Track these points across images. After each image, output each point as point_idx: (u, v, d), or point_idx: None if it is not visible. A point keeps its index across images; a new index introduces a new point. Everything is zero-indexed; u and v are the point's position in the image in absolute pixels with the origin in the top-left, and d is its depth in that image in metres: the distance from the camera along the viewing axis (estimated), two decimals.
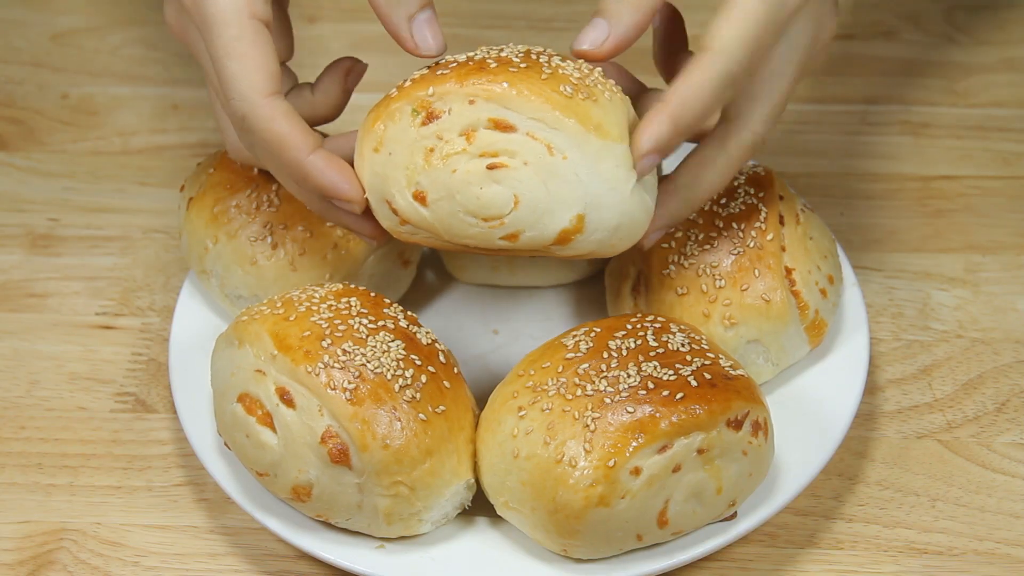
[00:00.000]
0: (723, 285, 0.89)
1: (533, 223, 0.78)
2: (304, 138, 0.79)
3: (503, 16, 1.29)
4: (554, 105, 0.77)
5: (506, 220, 0.78)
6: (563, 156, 0.77)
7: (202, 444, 0.87)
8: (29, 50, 1.27)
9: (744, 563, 0.87)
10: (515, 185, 0.78)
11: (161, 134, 1.19)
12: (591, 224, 0.78)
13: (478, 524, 0.85)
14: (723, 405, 0.79)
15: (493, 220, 0.78)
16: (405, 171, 0.79)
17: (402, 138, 0.79)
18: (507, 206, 0.78)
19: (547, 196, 0.78)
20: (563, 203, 0.78)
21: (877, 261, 1.06)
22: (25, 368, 1.00)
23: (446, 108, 0.78)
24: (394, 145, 0.79)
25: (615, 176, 0.78)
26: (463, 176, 0.78)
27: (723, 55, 0.79)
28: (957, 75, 1.23)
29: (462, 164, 0.78)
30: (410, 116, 0.79)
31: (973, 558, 0.87)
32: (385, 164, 0.80)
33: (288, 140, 0.79)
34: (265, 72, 0.79)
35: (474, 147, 0.78)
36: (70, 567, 0.88)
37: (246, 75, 0.78)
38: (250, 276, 0.93)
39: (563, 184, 0.78)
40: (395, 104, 0.80)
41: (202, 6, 0.79)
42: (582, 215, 0.78)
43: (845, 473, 0.92)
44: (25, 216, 1.11)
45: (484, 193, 0.78)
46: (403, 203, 0.80)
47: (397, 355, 0.82)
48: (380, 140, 0.80)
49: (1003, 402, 0.96)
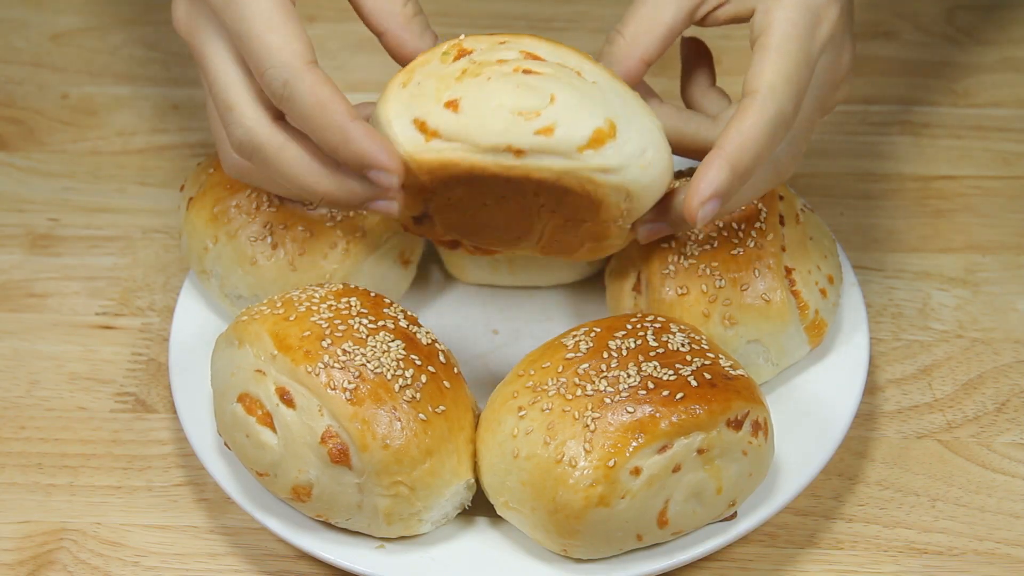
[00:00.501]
0: (723, 285, 0.89)
1: (568, 118, 0.78)
2: (347, 104, 0.79)
3: (503, 16, 1.29)
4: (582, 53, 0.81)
5: (542, 113, 0.78)
6: (593, 82, 0.80)
7: (202, 444, 0.87)
8: (29, 50, 1.27)
9: (744, 563, 0.87)
10: (549, 86, 0.79)
11: (161, 134, 1.19)
12: (623, 133, 0.79)
13: (478, 524, 0.85)
14: (723, 405, 0.79)
15: (529, 112, 0.78)
16: (436, 92, 0.79)
17: (433, 72, 0.80)
18: (544, 102, 0.78)
19: (580, 97, 0.79)
20: (597, 105, 0.79)
21: (877, 261, 1.06)
22: (25, 368, 1.00)
23: (478, 46, 0.80)
24: (424, 76, 0.80)
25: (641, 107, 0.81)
26: (498, 80, 0.79)
27: (773, 97, 0.80)
28: (957, 75, 1.23)
29: (497, 70, 0.79)
30: (440, 57, 0.80)
31: (973, 558, 0.87)
32: (413, 94, 0.80)
33: (332, 103, 0.78)
34: (304, 41, 0.79)
35: (508, 65, 0.79)
36: (70, 567, 0.88)
37: (287, 43, 0.78)
38: (250, 276, 0.93)
39: (595, 95, 0.79)
40: (424, 56, 0.81)
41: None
42: (614, 122, 0.79)
43: (845, 473, 0.92)
44: (25, 216, 1.11)
45: (521, 90, 0.78)
46: (433, 114, 0.78)
47: (397, 355, 0.82)
48: (410, 74, 0.80)
49: (1003, 402, 0.96)
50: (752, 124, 0.80)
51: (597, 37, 1.25)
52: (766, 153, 0.81)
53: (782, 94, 0.80)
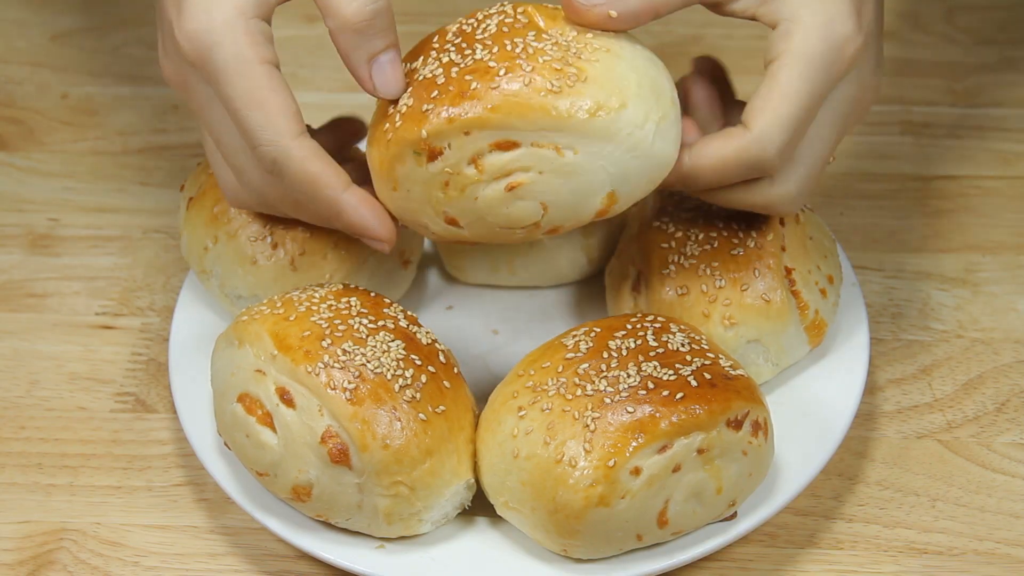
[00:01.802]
0: (723, 285, 0.89)
1: (568, 217, 0.81)
2: (337, 176, 0.81)
3: None
4: (546, 109, 0.76)
5: (541, 223, 0.80)
6: (574, 151, 0.78)
7: (202, 444, 0.87)
8: (29, 50, 1.27)
9: (744, 563, 0.87)
10: (538, 196, 0.79)
11: (161, 134, 1.19)
12: (623, 193, 0.80)
13: (478, 524, 0.85)
14: (723, 405, 0.79)
15: (529, 227, 0.80)
16: (430, 204, 0.80)
17: (414, 176, 0.80)
18: (537, 214, 0.80)
19: (572, 194, 0.79)
20: (590, 191, 0.79)
21: (877, 261, 1.06)
22: (25, 368, 1.00)
23: (445, 144, 0.78)
24: (409, 184, 0.81)
25: (631, 142, 0.78)
26: (486, 202, 0.79)
27: (759, 143, 0.80)
28: (957, 75, 1.23)
29: (481, 191, 0.79)
30: (413, 157, 0.79)
31: (973, 558, 0.87)
32: (407, 200, 0.81)
33: (322, 179, 0.80)
34: (288, 114, 0.79)
35: (486, 174, 0.78)
36: (70, 567, 0.88)
37: (271, 121, 0.79)
38: (250, 276, 0.93)
39: (584, 177, 0.78)
40: (394, 148, 0.80)
41: (209, 61, 0.79)
42: (612, 192, 0.79)
43: (845, 473, 0.92)
44: (25, 216, 1.11)
45: (512, 211, 0.79)
46: (438, 228, 0.82)
47: (397, 355, 0.82)
48: (395, 182, 0.81)
49: (1003, 402, 0.96)
50: (725, 155, 0.81)
51: None
52: (722, 183, 0.82)
53: (771, 142, 0.80)
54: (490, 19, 0.82)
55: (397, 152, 0.80)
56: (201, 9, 0.78)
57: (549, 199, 0.79)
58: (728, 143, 0.81)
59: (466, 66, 0.79)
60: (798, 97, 0.80)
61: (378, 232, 0.82)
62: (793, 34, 0.80)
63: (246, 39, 0.78)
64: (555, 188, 0.79)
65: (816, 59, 0.80)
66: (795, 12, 0.80)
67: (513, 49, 0.79)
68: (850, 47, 0.81)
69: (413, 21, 1.23)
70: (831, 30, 0.80)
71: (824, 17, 0.80)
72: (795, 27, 0.80)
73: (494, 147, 0.78)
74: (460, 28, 0.82)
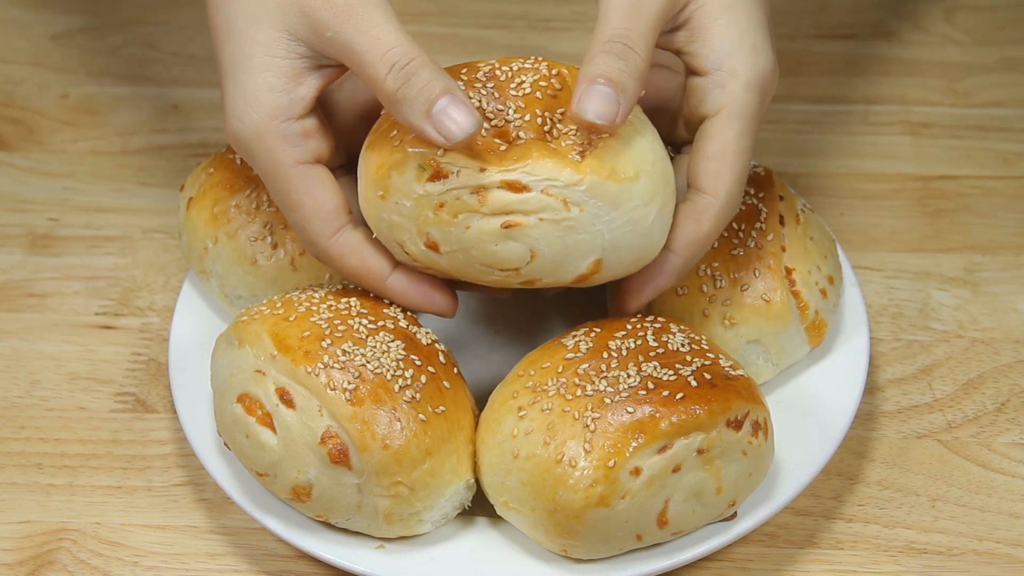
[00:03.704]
0: (723, 285, 0.89)
1: (550, 272, 0.80)
2: (378, 266, 0.83)
3: (503, 16, 1.29)
4: (565, 164, 0.77)
5: (523, 271, 0.79)
6: (580, 209, 0.77)
7: (202, 444, 0.87)
8: (29, 50, 1.27)
9: (744, 563, 0.87)
10: (531, 242, 0.78)
11: (161, 134, 1.19)
12: (609, 264, 0.80)
13: (478, 524, 0.85)
14: (723, 405, 0.79)
15: (509, 271, 0.79)
16: (415, 221, 0.79)
17: (409, 190, 0.79)
18: (523, 260, 0.79)
19: (564, 248, 0.78)
20: (580, 253, 0.79)
21: (877, 261, 1.06)
22: (25, 368, 1.00)
23: (456, 169, 0.77)
24: (400, 195, 0.79)
25: (633, 216, 0.78)
26: (477, 234, 0.78)
27: (731, 204, 0.82)
28: (957, 75, 1.23)
29: (475, 222, 0.78)
30: (416, 170, 0.78)
31: (973, 558, 0.87)
32: (392, 211, 0.80)
33: (363, 273, 0.83)
34: (323, 216, 0.81)
35: (487, 207, 0.77)
36: (70, 567, 0.88)
37: (307, 224, 0.82)
38: (250, 276, 0.93)
39: (580, 235, 0.78)
40: (398, 155, 0.79)
41: (249, 156, 0.82)
42: (599, 259, 0.79)
43: (845, 473, 0.92)
44: (25, 216, 1.11)
45: (500, 250, 0.78)
46: (415, 249, 0.80)
47: (397, 355, 0.82)
48: (386, 189, 0.80)
49: (1003, 402, 0.96)
50: (709, 231, 0.82)
51: None
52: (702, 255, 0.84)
53: (737, 196, 0.82)
54: (525, 74, 0.82)
55: (400, 160, 0.79)
56: (238, 114, 0.80)
57: (540, 248, 0.78)
58: (704, 221, 0.81)
59: (494, 127, 0.79)
60: (747, 152, 0.82)
61: (434, 308, 0.85)
62: (729, 87, 0.81)
63: (278, 144, 0.80)
64: (550, 239, 0.78)
65: (754, 109, 0.82)
66: (725, 62, 0.81)
67: (543, 125, 0.79)
68: (775, 80, 0.84)
69: (413, 21, 1.23)
70: (761, 74, 0.82)
71: (759, 69, 0.82)
72: (729, 79, 0.81)
73: (504, 185, 0.77)
74: (493, 71, 0.82)
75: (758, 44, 0.82)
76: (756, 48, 0.82)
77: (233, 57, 0.80)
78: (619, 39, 0.78)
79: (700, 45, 0.82)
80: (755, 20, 0.83)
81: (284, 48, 0.80)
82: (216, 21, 0.82)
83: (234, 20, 0.80)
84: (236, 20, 0.80)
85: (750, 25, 0.82)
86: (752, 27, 0.82)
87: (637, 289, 0.84)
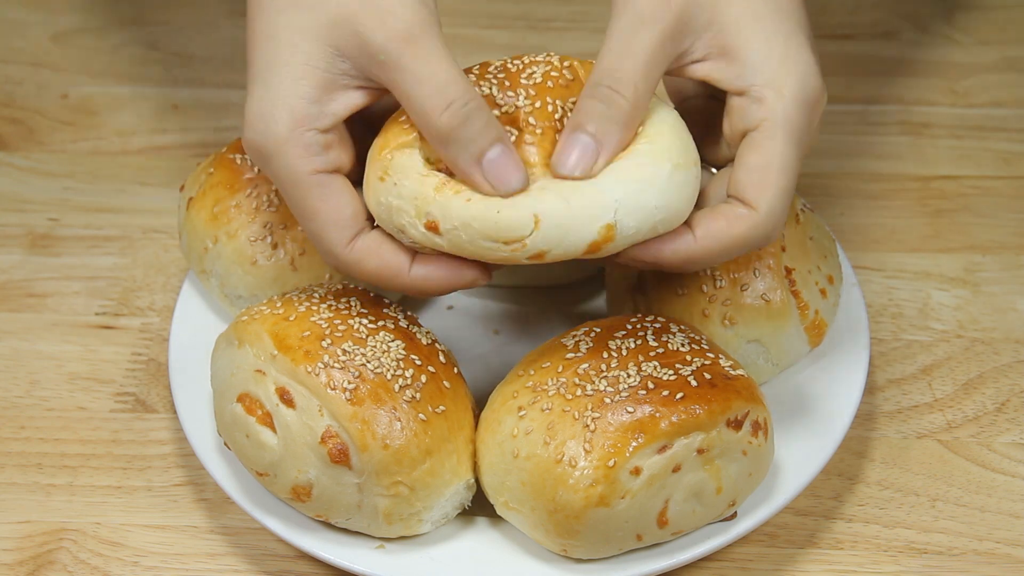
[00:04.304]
0: (723, 285, 0.89)
1: (559, 241, 0.75)
2: (397, 264, 0.80)
3: (503, 16, 1.29)
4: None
5: (527, 242, 0.75)
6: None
7: (202, 444, 0.87)
8: (29, 50, 1.27)
9: (744, 563, 0.87)
10: (534, 204, 0.75)
11: (161, 134, 1.19)
12: (623, 229, 0.76)
13: (478, 524, 0.85)
14: (723, 405, 0.79)
15: (515, 243, 0.75)
16: (414, 201, 0.77)
17: (409, 169, 0.78)
18: (528, 227, 0.75)
19: (570, 212, 0.75)
20: (590, 215, 0.75)
21: (877, 261, 1.06)
22: (25, 368, 1.00)
23: None
24: (400, 176, 0.78)
25: (645, 174, 0.76)
26: (480, 205, 0.75)
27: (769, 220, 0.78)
28: (957, 75, 1.23)
29: (477, 195, 0.76)
30: (421, 155, 0.78)
31: (973, 558, 0.87)
32: (391, 193, 0.78)
33: (383, 274, 0.80)
34: (339, 224, 0.80)
35: None
36: (70, 567, 0.88)
37: (323, 233, 0.80)
38: (250, 276, 0.93)
39: (586, 197, 0.75)
40: (405, 139, 0.79)
41: (267, 168, 0.80)
42: (612, 224, 0.75)
43: (845, 473, 0.92)
44: (25, 216, 1.11)
45: (502, 216, 0.75)
46: (415, 233, 0.78)
47: (397, 355, 0.82)
48: (386, 169, 0.79)
49: (1003, 402, 0.96)
50: (739, 236, 0.78)
51: (597, 37, 1.25)
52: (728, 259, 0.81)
53: (778, 219, 0.79)
54: (536, 66, 0.81)
55: (406, 143, 0.78)
56: (260, 119, 0.79)
57: (544, 211, 0.75)
58: (736, 225, 0.78)
59: (504, 113, 0.79)
60: (792, 168, 0.79)
61: (466, 281, 0.80)
62: (769, 100, 0.78)
63: (298, 152, 0.79)
64: (554, 201, 0.75)
65: (798, 124, 0.79)
66: (768, 78, 0.79)
67: (553, 113, 0.79)
68: (821, 103, 0.81)
69: None
70: (806, 91, 0.79)
71: (797, 78, 0.79)
72: (770, 93, 0.78)
73: None
74: (505, 65, 0.82)
75: (790, 54, 0.79)
76: (789, 58, 0.79)
77: (270, 62, 0.79)
78: (605, 82, 0.77)
79: (728, 66, 0.80)
80: (786, 30, 0.80)
81: (327, 62, 0.78)
82: (257, 25, 0.80)
83: (278, 27, 0.79)
84: (280, 27, 0.79)
85: (779, 36, 0.79)
86: (782, 38, 0.79)
87: (643, 246, 0.78)
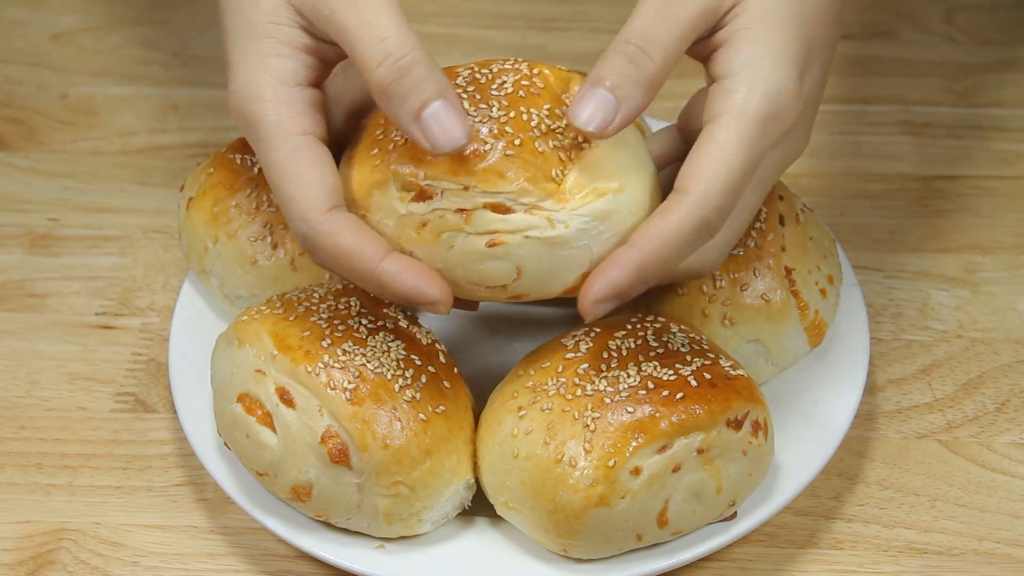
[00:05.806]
0: (723, 285, 0.89)
1: (538, 288, 0.78)
2: (372, 247, 0.76)
3: (503, 16, 1.29)
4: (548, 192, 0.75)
5: (510, 287, 0.77)
6: (565, 225, 0.76)
7: (202, 444, 0.87)
8: (29, 50, 1.27)
9: (744, 563, 0.87)
10: (517, 259, 0.76)
11: (161, 134, 1.19)
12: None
13: (478, 524, 0.85)
14: (723, 405, 0.79)
15: (496, 287, 0.77)
16: (399, 241, 0.77)
17: (390, 209, 0.77)
18: (510, 277, 0.77)
19: (551, 264, 0.77)
20: (568, 267, 0.77)
21: (877, 261, 1.06)
22: (25, 368, 1.00)
23: (439, 190, 0.76)
24: (383, 215, 0.78)
25: (620, 229, 0.77)
26: (462, 252, 0.76)
27: (704, 204, 0.74)
28: (957, 75, 1.23)
29: (459, 241, 0.76)
30: (398, 191, 0.77)
31: (973, 558, 0.87)
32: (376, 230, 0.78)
33: (355, 252, 0.76)
34: (321, 189, 0.76)
35: (471, 227, 0.76)
36: (70, 567, 0.88)
37: (302, 195, 0.76)
38: (250, 276, 0.93)
39: (567, 251, 0.76)
40: (379, 175, 0.77)
41: (250, 125, 0.78)
42: (587, 272, 0.77)
43: (845, 473, 0.92)
44: (25, 216, 1.11)
45: (485, 268, 0.76)
46: None
47: (397, 355, 0.82)
48: (368, 208, 0.78)
49: (1003, 402, 0.96)
50: (672, 228, 0.74)
51: (597, 37, 1.26)
52: (680, 260, 0.76)
53: (714, 203, 0.74)
54: (505, 75, 0.80)
55: (382, 180, 0.77)
56: (245, 74, 0.78)
57: (527, 265, 0.76)
58: (669, 213, 0.74)
59: (479, 122, 0.77)
60: (736, 160, 0.74)
61: (428, 295, 0.76)
62: (734, 93, 0.75)
63: (286, 109, 0.77)
64: (536, 256, 0.76)
65: (757, 123, 0.75)
66: (741, 69, 0.75)
67: (528, 121, 0.77)
68: (790, 114, 0.76)
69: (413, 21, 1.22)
70: (774, 95, 0.75)
71: (769, 81, 0.75)
72: (738, 85, 0.75)
73: (489, 206, 0.75)
74: (472, 75, 0.80)
75: (779, 62, 0.76)
76: (776, 65, 0.76)
77: (238, 25, 0.78)
78: (636, 41, 0.74)
79: (724, 51, 0.77)
80: (790, 38, 0.77)
81: (287, 17, 0.77)
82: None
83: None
84: None
85: (780, 42, 0.76)
86: (782, 46, 0.76)
87: (587, 284, 0.76)
